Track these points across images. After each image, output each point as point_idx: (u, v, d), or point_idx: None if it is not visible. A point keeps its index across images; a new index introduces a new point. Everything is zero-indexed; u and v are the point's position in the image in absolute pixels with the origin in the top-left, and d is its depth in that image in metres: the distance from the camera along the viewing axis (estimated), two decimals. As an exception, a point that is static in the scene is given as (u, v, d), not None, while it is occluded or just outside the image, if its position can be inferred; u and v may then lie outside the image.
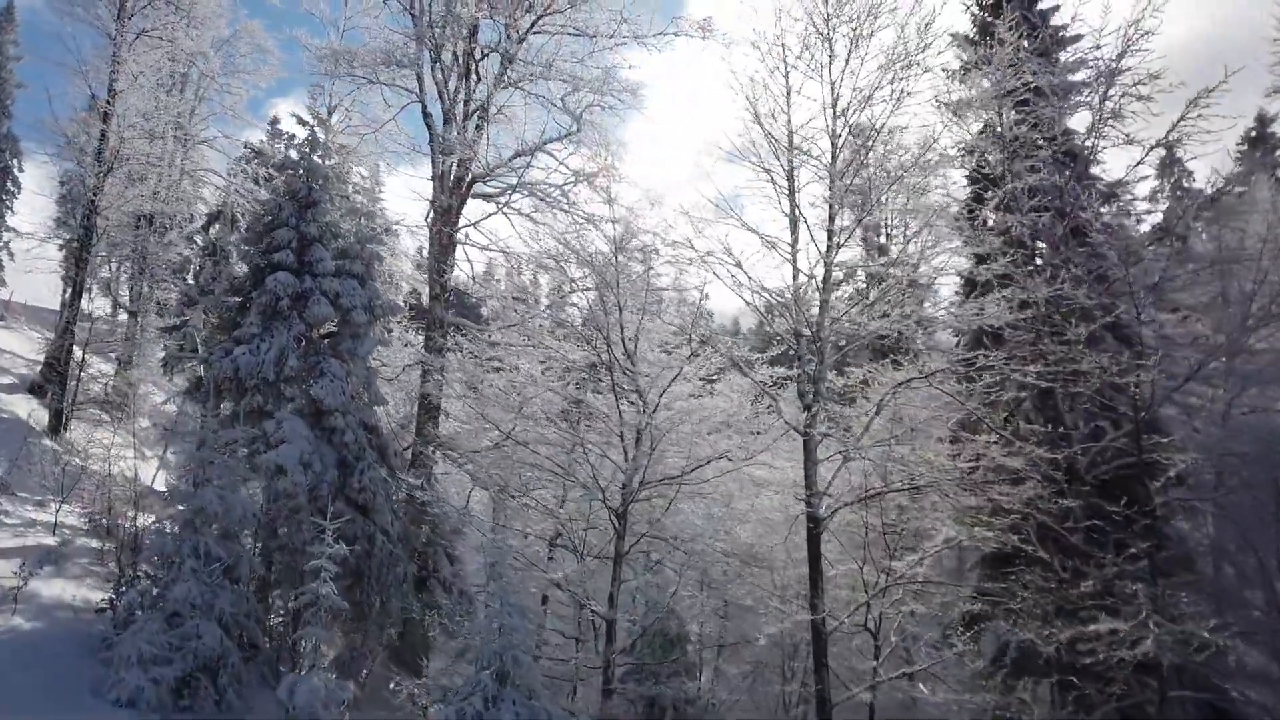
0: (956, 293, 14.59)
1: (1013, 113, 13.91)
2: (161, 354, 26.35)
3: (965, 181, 15.71)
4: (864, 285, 12.46)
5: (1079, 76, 14.70)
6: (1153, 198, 28.60)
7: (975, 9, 16.96)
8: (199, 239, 27.68)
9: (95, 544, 14.69)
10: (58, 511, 14.32)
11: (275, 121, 34.40)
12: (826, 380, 11.82)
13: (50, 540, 13.78)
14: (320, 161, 15.09)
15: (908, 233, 14.45)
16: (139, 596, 10.61)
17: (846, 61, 12.18)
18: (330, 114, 24.81)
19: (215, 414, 14.31)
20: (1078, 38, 15.72)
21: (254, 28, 30.01)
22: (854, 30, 12.10)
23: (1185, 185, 29.71)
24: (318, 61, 28.87)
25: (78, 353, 22.38)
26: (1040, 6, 16.94)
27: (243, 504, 10.64)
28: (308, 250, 14.45)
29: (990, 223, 13.70)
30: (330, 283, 14.26)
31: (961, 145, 14.56)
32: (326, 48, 18.08)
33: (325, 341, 14.51)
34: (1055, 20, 16.71)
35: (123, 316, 27.95)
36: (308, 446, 13.05)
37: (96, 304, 29.71)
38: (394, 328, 17.49)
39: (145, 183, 23.55)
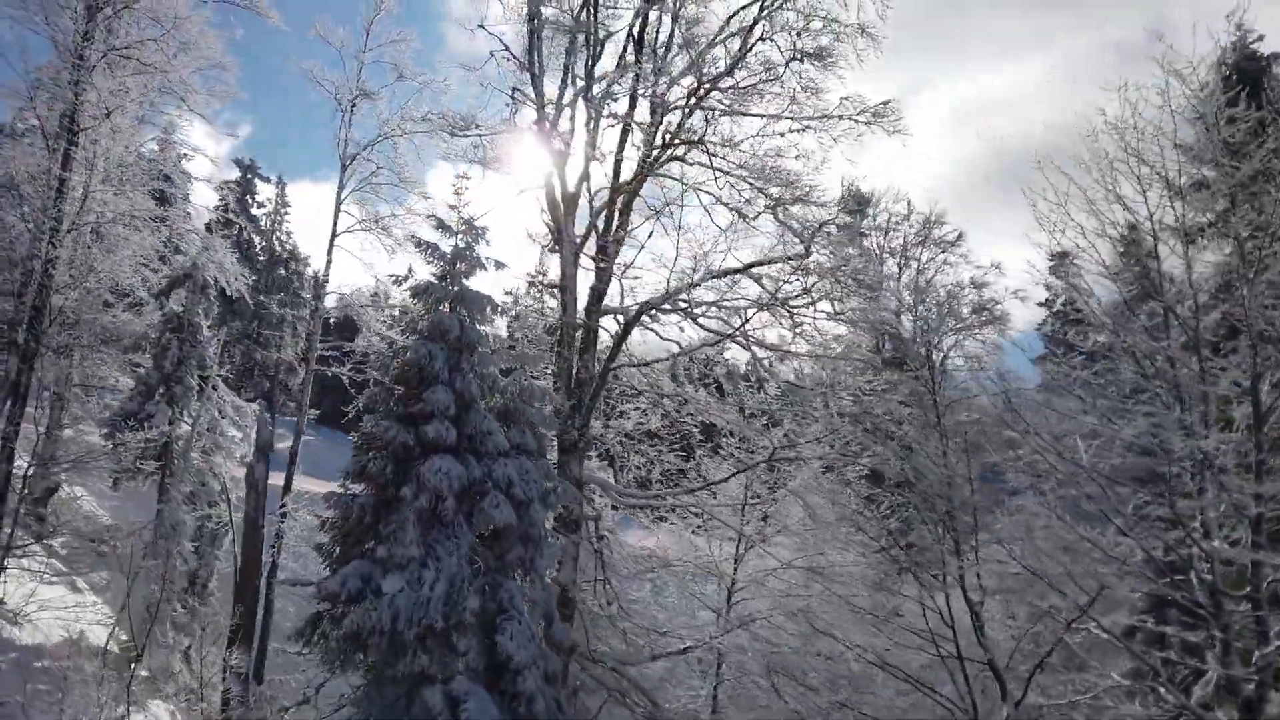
0: None
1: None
2: (105, 453, 20.39)
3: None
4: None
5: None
6: None
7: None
8: (159, 308, 22.01)
9: None
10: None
11: (170, 130, 28.05)
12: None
13: None
14: (472, 286, 10.89)
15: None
16: None
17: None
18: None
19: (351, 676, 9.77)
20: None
21: (210, 39, 24.77)
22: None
23: None
24: (328, 100, 24.09)
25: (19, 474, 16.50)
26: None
27: None
28: (466, 416, 10.17)
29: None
30: (503, 467, 10.04)
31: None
32: (437, 116, 13.60)
33: (490, 550, 10.18)
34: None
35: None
36: (499, 736, 8.73)
37: None
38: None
39: (126, 246, 18.17)
